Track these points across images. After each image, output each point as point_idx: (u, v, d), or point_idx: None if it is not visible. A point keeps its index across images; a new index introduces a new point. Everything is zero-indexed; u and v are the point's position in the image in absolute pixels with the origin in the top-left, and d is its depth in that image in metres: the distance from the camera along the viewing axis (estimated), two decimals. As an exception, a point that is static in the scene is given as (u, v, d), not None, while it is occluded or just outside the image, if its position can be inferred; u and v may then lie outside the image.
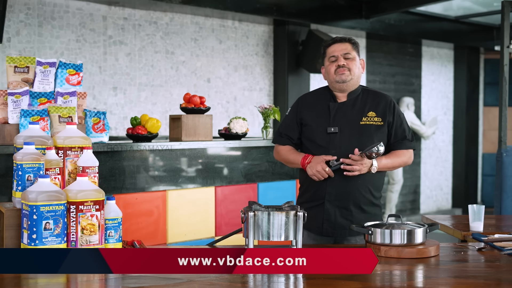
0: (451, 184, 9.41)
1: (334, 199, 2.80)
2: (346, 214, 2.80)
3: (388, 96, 2.91)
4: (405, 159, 2.89)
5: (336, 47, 2.84)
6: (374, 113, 2.83)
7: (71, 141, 2.51)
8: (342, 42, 2.86)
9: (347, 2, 7.08)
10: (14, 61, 3.18)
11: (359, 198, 2.81)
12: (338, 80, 2.82)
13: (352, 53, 2.84)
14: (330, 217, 2.80)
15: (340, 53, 2.83)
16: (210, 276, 2.11)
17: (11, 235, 2.35)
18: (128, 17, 5.89)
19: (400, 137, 2.87)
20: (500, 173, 4.43)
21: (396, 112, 2.87)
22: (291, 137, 2.94)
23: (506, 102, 4.51)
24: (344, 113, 2.83)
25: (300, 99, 2.98)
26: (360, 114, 2.82)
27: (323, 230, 2.81)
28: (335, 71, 2.82)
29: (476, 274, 2.18)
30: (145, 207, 3.65)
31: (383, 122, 2.83)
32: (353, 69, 2.82)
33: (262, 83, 6.94)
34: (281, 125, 3.02)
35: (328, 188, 2.79)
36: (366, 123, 2.81)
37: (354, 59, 2.84)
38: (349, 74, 2.81)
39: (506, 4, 4.47)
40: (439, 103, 9.18)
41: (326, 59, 2.88)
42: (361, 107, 2.84)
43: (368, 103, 2.85)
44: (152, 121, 3.74)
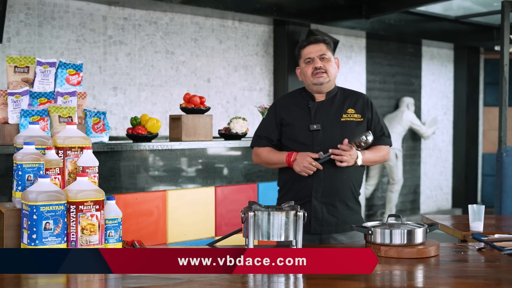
0: (451, 184, 9.41)
1: (321, 196, 2.81)
2: (332, 210, 2.83)
3: (364, 95, 2.97)
4: (384, 153, 2.96)
5: (311, 48, 2.86)
6: (353, 110, 2.88)
7: (71, 141, 2.51)
8: (317, 43, 2.87)
9: (347, 2, 7.08)
10: (14, 61, 3.18)
11: (344, 193, 2.84)
12: (316, 82, 2.85)
13: (327, 53, 2.86)
14: (317, 214, 2.82)
15: (315, 54, 2.85)
16: (210, 276, 2.11)
17: (11, 235, 2.35)
18: (128, 17, 5.89)
19: (379, 133, 2.93)
20: (500, 173, 4.43)
21: (373, 110, 2.93)
22: (271, 139, 2.94)
23: (506, 102, 4.51)
24: (325, 111, 2.87)
25: (277, 101, 3.01)
26: (340, 111, 2.87)
27: (311, 228, 2.82)
28: (312, 73, 2.85)
29: (476, 274, 2.19)
30: (145, 207, 3.65)
31: (363, 118, 2.88)
32: (329, 71, 2.86)
33: (262, 83, 6.94)
34: (259, 129, 3.02)
35: (314, 185, 2.81)
36: (347, 120, 2.85)
37: (330, 60, 2.87)
38: (326, 76, 2.85)
39: (506, 4, 4.47)
40: (439, 103, 9.18)
41: (301, 61, 2.90)
42: (340, 105, 2.88)
43: (346, 101, 2.90)
44: (152, 121, 3.74)
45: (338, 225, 2.83)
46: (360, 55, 7.94)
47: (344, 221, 2.83)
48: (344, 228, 2.83)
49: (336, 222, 2.82)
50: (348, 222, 2.82)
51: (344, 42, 7.70)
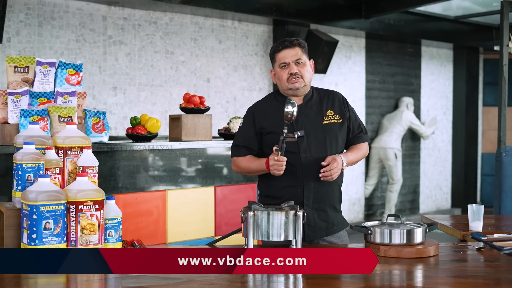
0: (450, 184, 9.41)
1: (312, 203, 2.78)
2: (323, 215, 2.80)
3: (339, 93, 2.94)
4: (364, 151, 2.95)
5: (286, 53, 2.79)
6: (332, 112, 2.85)
7: (71, 141, 2.52)
8: (292, 47, 2.79)
9: (347, 2, 7.09)
10: (14, 61, 3.18)
11: (333, 197, 2.84)
12: (292, 87, 2.80)
13: (303, 58, 2.80)
14: (309, 221, 2.77)
15: (291, 59, 2.78)
16: (210, 276, 2.11)
17: (11, 235, 2.35)
18: (128, 17, 5.89)
19: (357, 131, 2.92)
20: (499, 173, 4.43)
21: (350, 107, 2.92)
22: (251, 149, 2.87)
23: (505, 102, 4.51)
24: (305, 116, 2.81)
25: (253, 109, 2.92)
26: (320, 114, 2.83)
27: (304, 235, 2.75)
28: (288, 79, 2.79)
29: (476, 274, 2.19)
30: (144, 207, 3.65)
31: (342, 119, 2.85)
32: (305, 75, 2.80)
33: (262, 83, 6.94)
34: (237, 138, 2.93)
35: (305, 192, 2.77)
36: (328, 122, 2.83)
37: (305, 64, 2.81)
38: (302, 81, 2.80)
39: (506, 4, 4.47)
40: (439, 103, 9.18)
41: (276, 65, 2.83)
42: (319, 107, 2.85)
43: (323, 102, 2.87)
44: (152, 121, 3.74)
45: (328, 228, 2.81)
46: (360, 55, 7.94)
47: (333, 223, 2.83)
48: (333, 230, 2.83)
49: (326, 225, 2.81)
50: (336, 224, 2.83)
51: (343, 42, 7.70)
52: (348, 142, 2.92)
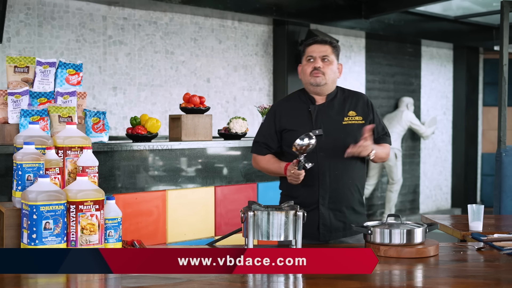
0: (450, 184, 9.41)
1: (328, 202, 2.77)
2: (340, 216, 2.79)
3: (364, 95, 2.93)
4: (387, 151, 2.93)
5: (315, 47, 2.82)
6: (355, 112, 2.83)
7: (71, 141, 2.52)
8: (323, 44, 2.82)
9: (347, 2, 7.09)
10: (14, 61, 3.18)
11: (351, 198, 2.81)
12: (312, 82, 2.80)
13: (330, 56, 2.81)
14: (325, 221, 2.77)
15: (318, 54, 2.80)
16: (210, 276, 2.11)
17: (11, 235, 2.35)
18: (128, 17, 5.89)
19: (381, 133, 2.91)
20: (499, 173, 4.43)
21: (374, 109, 2.91)
22: (270, 147, 2.90)
23: (505, 102, 4.51)
24: (326, 115, 2.81)
25: (276, 106, 2.95)
26: (341, 114, 2.82)
27: (320, 235, 2.78)
28: (310, 72, 2.80)
29: (476, 274, 2.19)
30: (144, 207, 3.65)
31: (364, 120, 2.83)
32: (327, 73, 2.80)
33: (262, 83, 6.94)
34: (258, 135, 2.97)
35: (321, 192, 2.77)
36: (348, 123, 2.81)
37: (331, 63, 2.81)
38: (323, 78, 2.79)
39: (506, 4, 4.47)
40: (439, 103, 9.18)
41: (304, 58, 2.86)
42: (341, 108, 2.84)
43: (346, 103, 2.86)
44: (152, 121, 3.74)
45: (345, 230, 2.79)
46: (360, 55, 7.94)
47: (351, 225, 2.77)
48: (352, 232, 2.80)
49: (344, 227, 2.78)
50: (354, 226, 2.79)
51: (343, 42, 7.70)
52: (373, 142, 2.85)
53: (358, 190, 2.85)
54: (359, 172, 2.85)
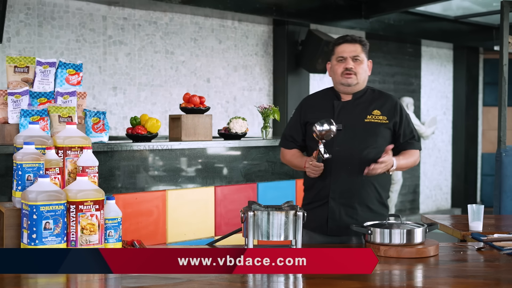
0: (450, 184, 9.41)
1: (338, 197, 2.76)
2: (351, 212, 2.76)
3: (394, 97, 2.89)
4: (415, 158, 2.87)
5: (346, 47, 2.80)
6: (379, 112, 2.80)
7: (71, 141, 2.52)
8: (353, 43, 2.80)
9: (347, 2, 7.08)
10: (14, 61, 3.18)
11: (365, 195, 2.78)
12: (344, 83, 2.79)
13: (361, 55, 2.79)
14: (334, 215, 2.77)
15: (349, 54, 2.78)
16: (210, 276, 2.11)
17: (11, 235, 2.35)
18: (128, 17, 5.89)
19: (408, 137, 2.85)
20: (499, 173, 4.43)
21: (403, 112, 2.85)
22: (295, 139, 2.93)
23: (505, 102, 4.51)
24: (349, 111, 2.81)
25: (303, 100, 2.97)
26: (365, 112, 2.80)
27: (328, 229, 2.78)
28: (342, 73, 2.79)
29: (476, 274, 2.19)
30: (144, 207, 3.65)
31: (389, 121, 2.80)
32: (359, 73, 2.79)
33: (262, 83, 6.94)
34: (286, 128, 3.01)
35: (332, 186, 2.76)
36: (370, 121, 2.78)
37: (362, 62, 2.80)
38: (355, 78, 2.78)
39: (506, 4, 4.47)
40: (439, 103, 9.18)
41: (333, 58, 2.84)
42: (366, 106, 2.82)
43: (373, 102, 2.83)
44: (152, 121, 3.74)
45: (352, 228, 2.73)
46: (360, 55, 7.93)
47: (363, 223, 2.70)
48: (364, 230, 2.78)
49: (356, 223, 2.71)
50: None
51: (343, 42, 7.69)
52: (399, 147, 2.84)
53: (376, 189, 2.80)
54: None
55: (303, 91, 7.00)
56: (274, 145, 4.20)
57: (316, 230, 2.82)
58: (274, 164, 4.23)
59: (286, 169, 4.27)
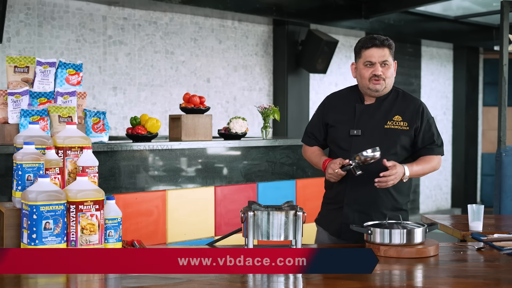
0: (450, 184, 9.41)
1: (353, 203, 2.74)
2: (366, 219, 2.69)
3: (417, 100, 2.81)
4: (434, 164, 2.80)
5: (374, 52, 2.71)
6: (400, 117, 2.73)
7: (71, 141, 2.52)
8: (382, 47, 2.71)
9: (347, 2, 7.08)
10: (14, 61, 3.18)
11: (380, 203, 2.73)
12: (372, 88, 2.73)
13: (389, 59, 2.72)
14: (348, 221, 2.74)
15: (378, 60, 2.71)
16: (210, 276, 2.11)
17: (11, 235, 2.35)
18: (128, 17, 5.89)
19: (427, 142, 2.77)
20: (499, 173, 4.43)
21: (425, 117, 2.77)
22: (317, 138, 2.90)
23: (505, 102, 4.51)
24: (369, 116, 2.75)
25: (326, 99, 2.91)
26: (385, 118, 2.74)
27: (341, 233, 2.77)
28: (370, 78, 2.73)
29: (476, 274, 2.19)
30: (144, 207, 3.65)
31: (409, 127, 2.73)
32: (388, 77, 2.73)
33: (262, 83, 6.94)
34: (308, 124, 2.98)
35: (348, 192, 2.74)
36: (390, 127, 2.72)
37: (390, 66, 2.73)
38: (383, 83, 2.72)
39: (506, 4, 4.47)
40: (439, 103, 9.18)
41: (360, 61, 2.76)
42: (387, 110, 2.75)
43: (395, 106, 2.76)
44: (152, 121, 3.74)
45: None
46: (360, 55, 7.93)
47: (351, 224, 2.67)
48: None
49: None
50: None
51: (343, 42, 7.70)
52: (418, 152, 2.79)
53: (392, 196, 2.74)
54: None
55: (303, 91, 7.01)
56: (274, 145, 4.20)
57: (331, 231, 2.84)
58: (274, 164, 4.23)
59: (286, 169, 4.27)
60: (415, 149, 2.79)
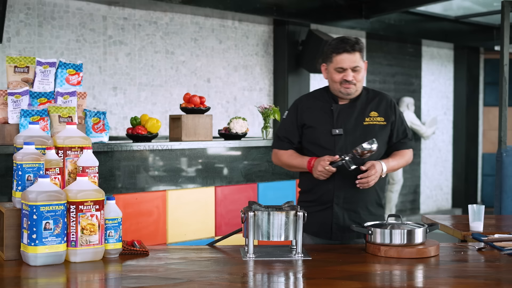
0: (451, 184, 9.41)
1: (343, 202, 2.76)
2: (354, 216, 2.76)
3: (388, 96, 2.89)
4: (407, 158, 2.88)
5: (345, 57, 2.71)
6: (376, 113, 2.80)
7: (71, 141, 2.51)
8: (352, 52, 2.72)
9: (347, 2, 7.08)
10: (14, 61, 3.18)
11: (367, 199, 2.78)
12: (343, 92, 2.76)
13: (360, 63, 2.74)
14: (339, 220, 2.76)
15: (349, 65, 2.72)
16: (210, 276, 2.11)
17: (11, 235, 2.35)
18: (128, 17, 5.89)
19: (401, 136, 2.85)
20: (500, 173, 4.43)
21: (397, 111, 2.86)
22: (291, 141, 2.88)
23: (506, 102, 4.51)
24: (347, 114, 2.79)
25: (298, 101, 2.91)
26: (363, 115, 2.79)
27: (332, 234, 2.77)
28: (341, 83, 2.75)
29: (476, 274, 2.19)
30: (145, 207, 3.65)
31: (386, 121, 2.81)
32: (358, 81, 2.76)
33: (262, 83, 6.94)
34: (279, 129, 2.94)
35: (336, 191, 2.75)
36: (369, 123, 2.78)
37: (361, 70, 2.76)
38: (354, 88, 2.75)
39: (506, 4, 4.47)
40: (439, 103, 9.18)
41: (331, 65, 2.76)
42: (363, 108, 2.81)
43: (369, 103, 2.82)
44: (152, 121, 3.74)
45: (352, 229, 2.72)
46: (360, 55, 7.93)
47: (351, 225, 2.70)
48: None
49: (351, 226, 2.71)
50: None
51: (344, 42, 7.68)
52: (392, 147, 2.85)
53: (376, 192, 2.81)
54: None
55: (304, 91, 7.00)
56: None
57: (319, 235, 2.81)
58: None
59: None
60: (390, 143, 2.85)
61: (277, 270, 2.21)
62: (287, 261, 2.32)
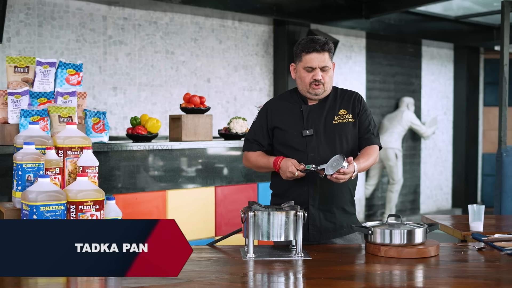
0: (451, 184, 9.41)
1: (318, 203, 2.75)
2: (330, 216, 2.76)
3: (355, 92, 2.88)
4: (375, 157, 2.80)
5: (314, 57, 2.72)
6: (345, 111, 2.80)
7: (71, 141, 2.52)
8: (322, 52, 2.73)
9: (347, 2, 7.08)
10: (14, 61, 3.18)
11: (341, 199, 2.79)
12: (312, 93, 2.77)
13: (329, 63, 2.76)
14: (315, 221, 2.75)
15: (318, 64, 2.73)
16: (210, 276, 2.11)
17: (11, 235, 2.34)
18: (128, 17, 5.89)
19: (364, 131, 2.81)
20: (500, 173, 4.43)
21: (362, 107, 2.83)
22: (261, 144, 2.86)
23: (506, 102, 4.51)
24: (317, 115, 2.79)
25: (268, 104, 2.91)
26: (332, 114, 2.79)
27: (309, 236, 2.75)
28: (310, 83, 2.75)
29: (476, 274, 2.19)
30: (145, 207, 3.65)
31: (354, 118, 2.80)
32: (327, 82, 2.77)
33: (262, 83, 6.94)
34: (249, 132, 2.93)
35: (311, 193, 2.74)
36: (339, 122, 2.77)
37: (330, 70, 2.77)
38: (323, 88, 2.76)
39: (506, 4, 4.47)
40: (439, 103, 9.18)
41: (300, 65, 2.77)
42: (332, 107, 2.81)
43: (338, 101, 2.83)
44: (152, 121, 3.74)
45: (335, 230, 2.78)
46: (360, 55, 7.94)
47: (341, 225, 2.78)
48: (341, 232, 2.79)
49: (334, 227, 2.77)
50: (344, 226, 2.78)
51: (344, 42, 7.69)
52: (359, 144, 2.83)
53: (349, 191, 2.82)
54: None
55: (304, 91, 7.00)
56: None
57: None
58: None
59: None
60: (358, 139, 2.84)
61: (277, 270, 2.21)
62: (287, 261, 2.32)
